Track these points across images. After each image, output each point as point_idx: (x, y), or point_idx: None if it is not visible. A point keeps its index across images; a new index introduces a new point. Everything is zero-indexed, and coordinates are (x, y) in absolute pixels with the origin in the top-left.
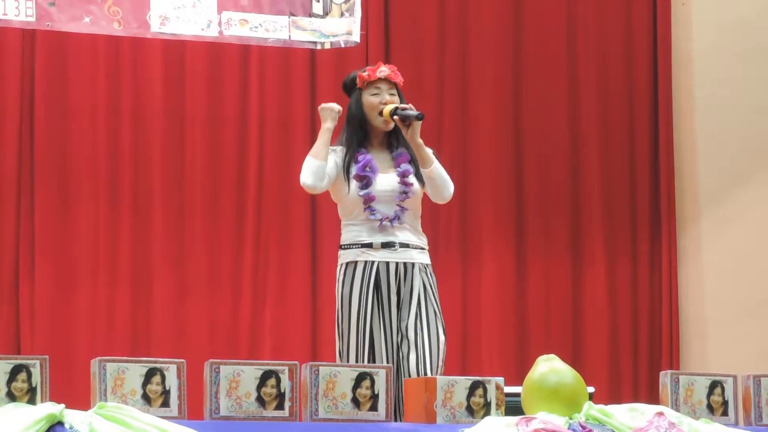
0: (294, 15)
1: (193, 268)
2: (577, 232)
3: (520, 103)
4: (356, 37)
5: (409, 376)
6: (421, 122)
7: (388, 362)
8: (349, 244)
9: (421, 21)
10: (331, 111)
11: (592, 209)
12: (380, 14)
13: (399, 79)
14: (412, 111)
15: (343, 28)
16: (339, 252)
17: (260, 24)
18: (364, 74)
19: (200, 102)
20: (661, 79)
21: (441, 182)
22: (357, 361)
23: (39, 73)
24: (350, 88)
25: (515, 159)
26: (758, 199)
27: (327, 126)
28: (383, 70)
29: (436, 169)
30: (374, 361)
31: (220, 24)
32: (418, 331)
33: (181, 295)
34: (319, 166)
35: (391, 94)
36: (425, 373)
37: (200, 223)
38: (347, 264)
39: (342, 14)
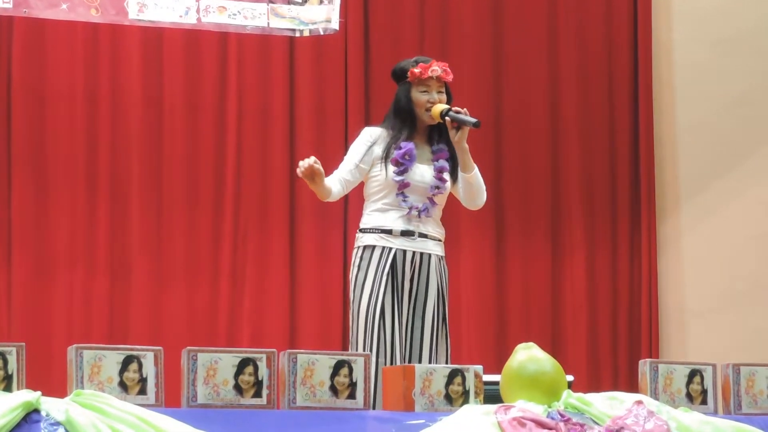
0: (273, 2)
1: (171, 256)
2: (557, 220)
3: (500, 93)
4: (335, 25)
5: None
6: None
7: (396, 347)
8: (370, 228)
9: (401, 9)
10: (308, 175)
11: (572, 198)
12: (359, 1)
13: (449, 78)
14: (469, 117)
15: (322, 15)
16: (357, 234)
17: (239, 11)
18: (416, 71)
19: (178, 90)
20: (641, 69)
21: (477, 189)
22: (365, 344)
23: (16, 61)
24: (399, 77)
25: (495, 148)
26: (738, 189)
27: (311, 187)
28: (435, 70)
29: (476, 176)
30: (380, 346)
31: (198, 11)
32: (433, 340)
33: (159, 283)
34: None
35: (439, 92)
36: None
37: (178, 211)
38: (365, 247)
39: (321, 2)
